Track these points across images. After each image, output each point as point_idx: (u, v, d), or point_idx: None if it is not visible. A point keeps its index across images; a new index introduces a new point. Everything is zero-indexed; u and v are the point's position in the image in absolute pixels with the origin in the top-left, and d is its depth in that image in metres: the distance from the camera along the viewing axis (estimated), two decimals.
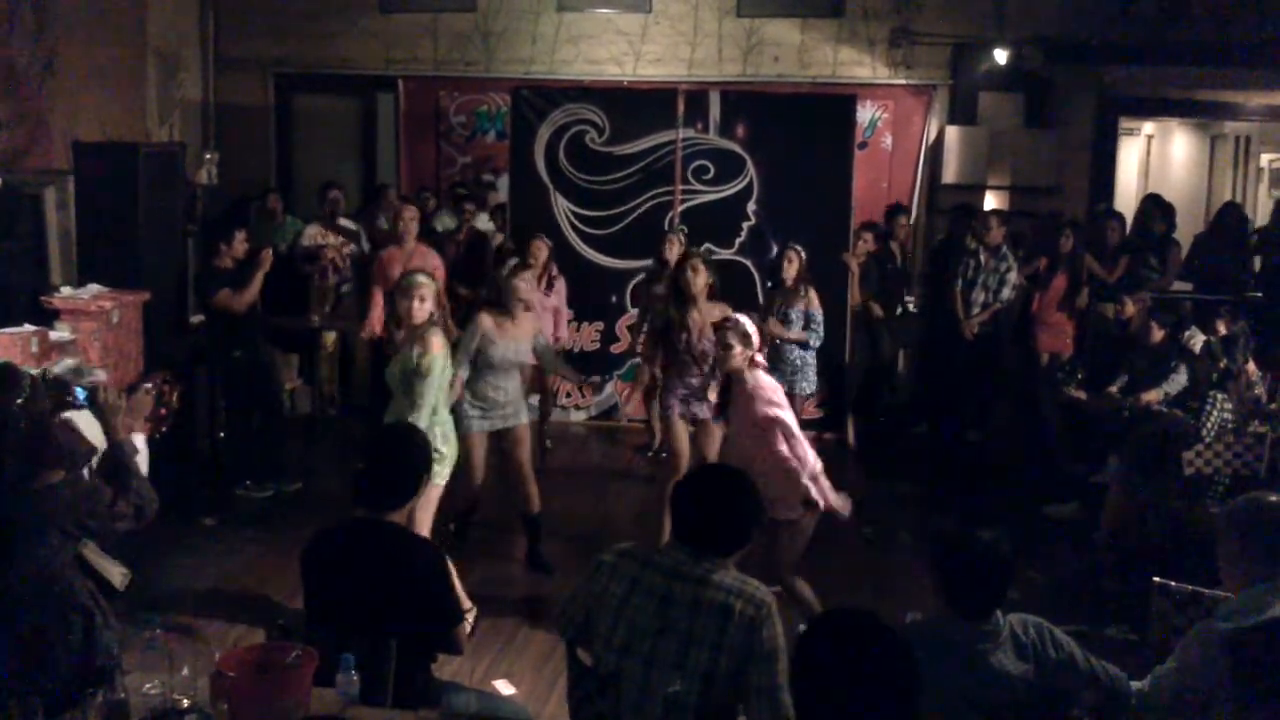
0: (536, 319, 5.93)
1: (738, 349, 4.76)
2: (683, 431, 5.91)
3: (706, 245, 8.38)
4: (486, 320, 5.66)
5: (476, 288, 8.69)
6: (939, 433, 8.43)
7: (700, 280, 5.81)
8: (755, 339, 4.82)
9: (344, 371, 8.66)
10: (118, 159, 7.72)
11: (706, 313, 5.77)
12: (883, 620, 2.26)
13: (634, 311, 8.13)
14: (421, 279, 5.10)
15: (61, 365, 5.37)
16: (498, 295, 5.82)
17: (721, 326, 4.90)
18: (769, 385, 4.78)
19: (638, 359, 7.27)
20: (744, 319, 4.91)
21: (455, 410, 5.42)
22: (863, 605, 2.42)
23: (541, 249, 7.63)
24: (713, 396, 5.78)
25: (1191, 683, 2.89)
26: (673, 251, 7.32)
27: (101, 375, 3.51)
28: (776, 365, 7.08)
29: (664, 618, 2.87)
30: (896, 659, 2.18)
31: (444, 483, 5.08)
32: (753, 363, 4.83)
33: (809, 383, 7.19)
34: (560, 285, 7.83)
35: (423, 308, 4.99)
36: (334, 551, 3.32)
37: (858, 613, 2.29)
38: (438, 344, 4.98)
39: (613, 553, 3.07)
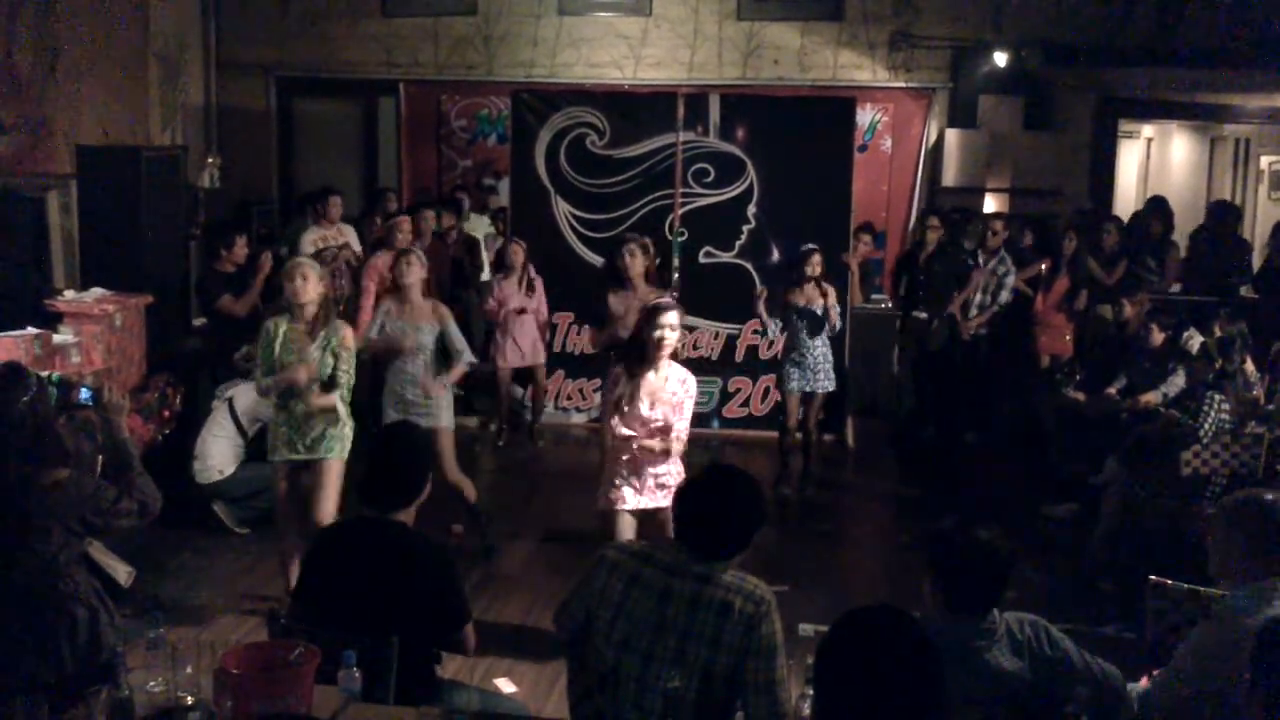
0: (439, 311, 5.81)
1: (675, 334, 4.60)
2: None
3: (706, 248, 8.43)
4: (386, 299, 5.80)
5: (466, 290, 8.77)
6: (939, 434, 8.45)
7: (638, 264, 5.84)
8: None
9: None
10: (120, 163, 7.76)
11: (644, 296, 5.82)
12: (908, 615, 2.27)
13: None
14: (308, 261, 5.12)
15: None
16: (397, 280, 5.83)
17: (659, 306, 4.66)
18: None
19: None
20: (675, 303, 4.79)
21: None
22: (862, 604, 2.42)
23: (518, 252, 7.72)
24: None
25: (1210, 678, 2.89)
26: (636, 264, 7.01)
27: (85, 394, 3.54)
28: (799, 364, 7.09)
29: (662, 614, 2.89)
30: (925, 654, 2.19)
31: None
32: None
33: (829, 380, 7.19)
34: (539, 287, 7.90)
35: (305, 286, 4.89)
36: (340, 550, 3.35)
37: (884, 608, 2.29)
38: (350, 333, 5.06)
39: (614, 548, 3.09)
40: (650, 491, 4.72)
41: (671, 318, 4.59)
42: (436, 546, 3.50)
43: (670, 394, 4.65)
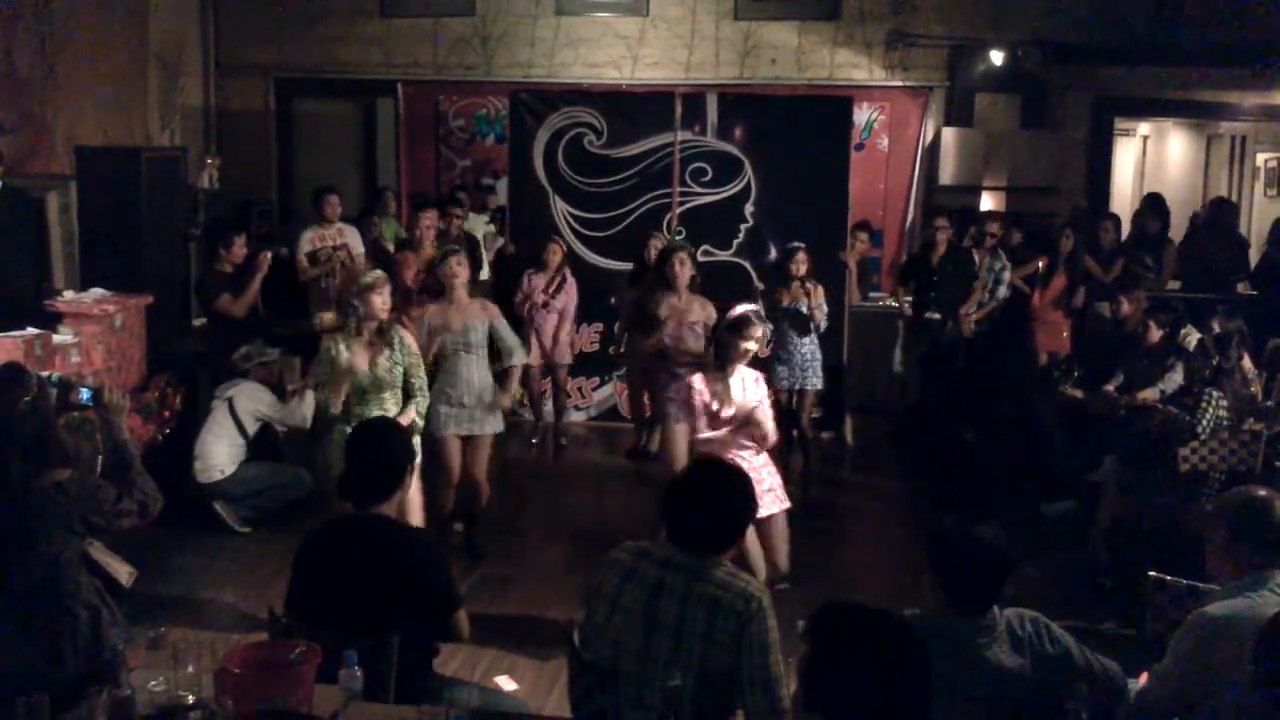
0: (489, 309, 5.83)
1: (759, 344, 4.75)
2: (681, 434, 5.93)
3: (705, 246, 8.44)
4: (431, 308, 5.71)
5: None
6: (940, 432, 8.46)
7: (685, 272, 5.87)
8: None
9: None
10: (120, 164, 7.77)
11: (687, 304, 5.89)
12: (891, 613, 2.29)
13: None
14: (383, 274, 5.11)
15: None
16: (438, 282, 5.81)
17: (746, 318, 4.79)
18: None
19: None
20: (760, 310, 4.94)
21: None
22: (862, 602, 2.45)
23: (557, 251, 7.74)
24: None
25: (1190, 672, 2.93)
26: (684, 271, 7.19)
27: (86, 394, 3.55)
28: (787, 361, 7.11)
29: (653, 608, 2.90)
30: (909, 650, 2.21)
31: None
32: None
33: (818, 378, 7.20)
34: (570, 288, 7.91)
35: (389, 302, 4.99)
36: (326, 547, 3.37)
37: (865, 606, 2.32)
38: (411, 335, 5.15)
39: (619, 548, 3.10)
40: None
41: (759, 331, 4.76)
42: (421, 536, 3.52)
43: (744, 394, 4.80)
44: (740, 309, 4.87)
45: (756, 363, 5.39)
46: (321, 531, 3.43)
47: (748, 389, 4.84)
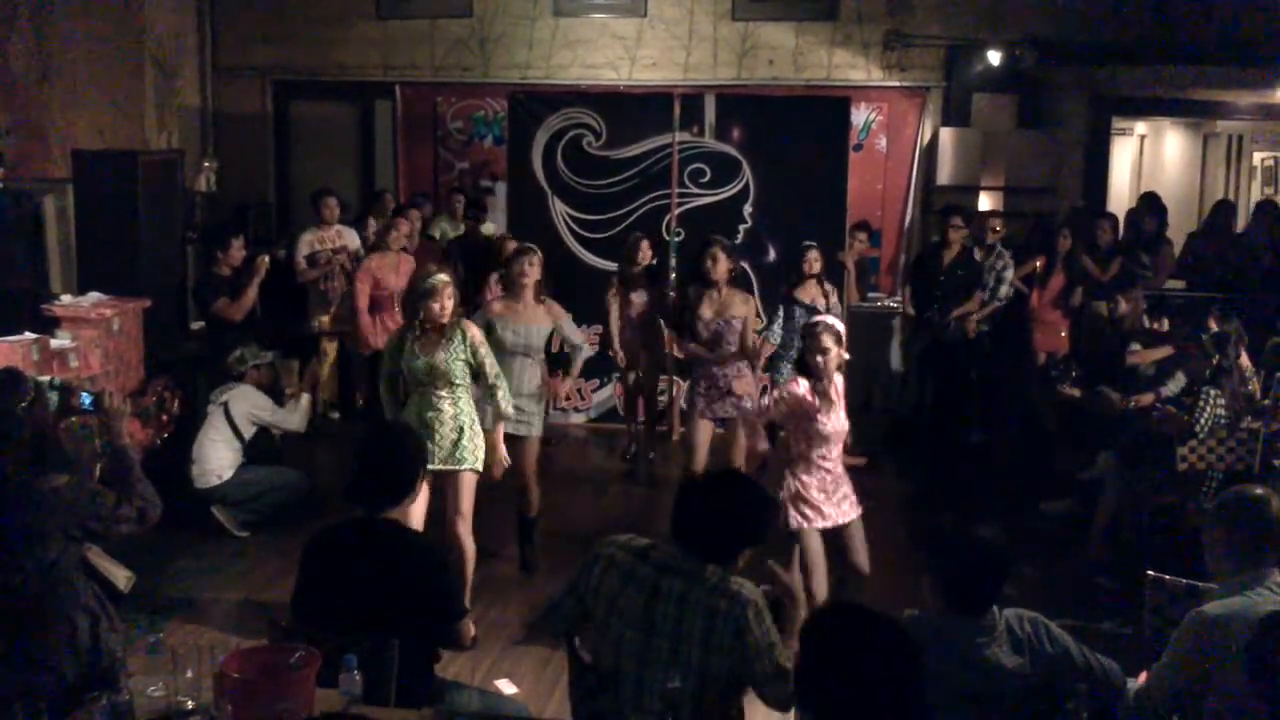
0: (553, 310, 5.82)
1: (834, 350, 4.64)
2: (703, 429, 5.93)
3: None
4: (496, 305, 5.68)
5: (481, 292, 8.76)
6: (942, 432, 8.46)
7: (721, 267, 5.84)
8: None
9: (343, 376, 8.69)
10: (116, 167, 7.74)
11: (728, 297, 5.86)
12: (884, 614, 2.30)
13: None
14: (445, 278, 4.99)
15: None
16: (508, 280, 5.79)
17: (810, 326, 4.75)
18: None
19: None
20: (833, 320, 4.87)
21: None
22: (862, 602, 2.46)
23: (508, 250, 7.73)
24: (741, 389, 5.82)
25: (1188, 671, 2.93)
26: (719, 267, 7.06)
27: (86, 399, 3.54)
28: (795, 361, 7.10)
29: (651, 612, 2.90)
30: (901, 651, 2.21)
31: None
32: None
33: None
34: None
35: (450, 307, 4.92)
36: (334, 551, 3.36)
37: (857, 607, 2.33)
38: (476, 329, 5.07)
39: (610, 544, 3.10)
40: (837, 505, 4.80)
41: (826, 340, 4.63)
42: (427, 543, 3.52)
43: (839, 397, 4.74)
44: (811, 320, 4.90)
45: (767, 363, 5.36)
46: (328, 533, 3.42)
47: (840, 396, 4.76)
